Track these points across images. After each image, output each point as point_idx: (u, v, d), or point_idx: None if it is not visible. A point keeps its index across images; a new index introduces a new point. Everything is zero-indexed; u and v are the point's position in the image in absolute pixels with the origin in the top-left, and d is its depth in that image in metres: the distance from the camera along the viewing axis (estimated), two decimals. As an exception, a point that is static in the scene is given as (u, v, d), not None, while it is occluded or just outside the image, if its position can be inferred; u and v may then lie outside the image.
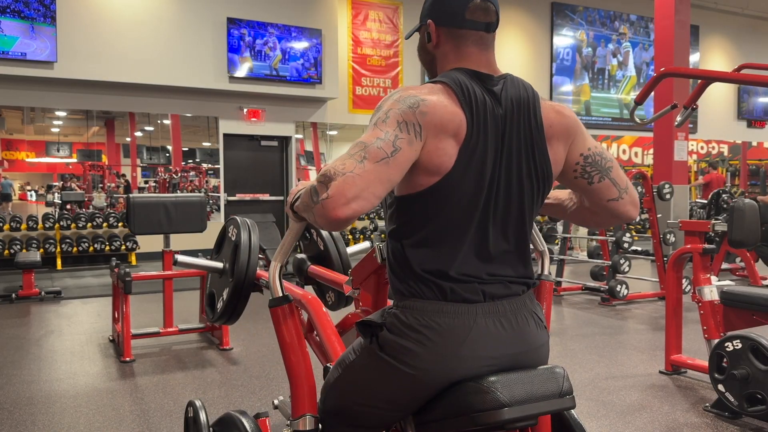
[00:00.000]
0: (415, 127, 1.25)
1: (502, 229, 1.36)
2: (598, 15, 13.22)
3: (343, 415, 1.48)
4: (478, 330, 1.31)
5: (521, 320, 1.36)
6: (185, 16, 9.02)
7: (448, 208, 1.31)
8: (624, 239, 6.10)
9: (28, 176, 10.45)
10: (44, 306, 6.09)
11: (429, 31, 1.40)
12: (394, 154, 1.22)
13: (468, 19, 1.36)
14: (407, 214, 1.35)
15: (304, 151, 10.85)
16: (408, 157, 1.24)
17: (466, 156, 1.29)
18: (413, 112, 1.25)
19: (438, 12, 1.39)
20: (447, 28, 1.38)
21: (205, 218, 4.74)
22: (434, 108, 1.26)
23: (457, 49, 1.38)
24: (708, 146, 15.13)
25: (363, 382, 1.41)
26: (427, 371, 1.30)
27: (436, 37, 1.40)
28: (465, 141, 1.29)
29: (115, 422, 3.10)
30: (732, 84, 13.40)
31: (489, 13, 1.38)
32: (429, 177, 1.28)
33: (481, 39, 1.38)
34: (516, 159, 1.35)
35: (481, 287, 1.33)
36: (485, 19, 1.38)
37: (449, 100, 1.29)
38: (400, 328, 1.32)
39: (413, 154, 1.25)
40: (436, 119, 1.26)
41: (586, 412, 3.20)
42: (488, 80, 1.36)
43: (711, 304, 3.47)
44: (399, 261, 1.37)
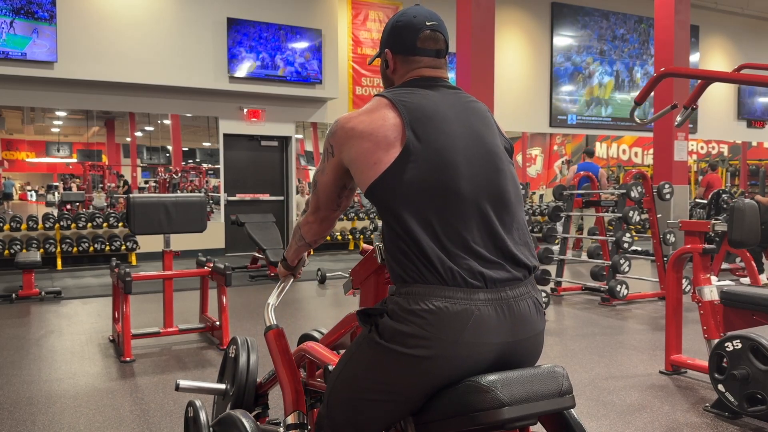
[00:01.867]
0: (328, 149, 1.53)
1: (496, 209, 1.42)
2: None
3: (348, 411, 1.46)
4: (479, 315, 1.33)
5: (523, 306, 1.39)
6: (185, 16, 9.02)
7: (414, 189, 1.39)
8: (624, 239, 6.10)
9: (28, 176, 10.46)
10: (44, 306, 6.09)
11: (387, 58, 1.61)
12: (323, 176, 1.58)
13: (419, 47, 1.56)
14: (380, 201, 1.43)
15: (304, 151, 10.86)
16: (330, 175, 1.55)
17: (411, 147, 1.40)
18: (327, 141, 1.54)
19: (393, 42, 1.59)
20: (402, 55, 1.58)
21: (205, 218, 4.73)
22: (344, 126, 1.48)
23: (411, 72, 1.58)
24: (708, 146, 15.13)
25: (365, 373, 1.41)
26: (428, 356, 1.31)
27: (393, 63, 1.60)
28: (405, 133, 1.41)
29: (115, 422, 3.10)
30: (732, 84, 13.41)
31: (438, 42, 1.58)
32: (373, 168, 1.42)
33: (432, 62, 1.58)
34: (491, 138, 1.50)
35: (482, 270, 1.36)
36: (435, 47, 1.57)
37: (378, 107, 1.47)
38: (400, 314, 1.34)
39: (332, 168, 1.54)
40: (345, 131, 1.48)
41: (586, 412, 3.20)
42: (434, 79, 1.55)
43: (711, 304, 3.48)
44: (397, 246, 1.39)
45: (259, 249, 7.63)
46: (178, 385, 2.25)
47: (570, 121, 12.96)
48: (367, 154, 1.43)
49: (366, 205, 10.89)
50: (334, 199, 1.61)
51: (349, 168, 1.49)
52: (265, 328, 2.04)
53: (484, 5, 7.49)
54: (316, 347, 1.93)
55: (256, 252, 8.02)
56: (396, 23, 1.58)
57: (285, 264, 1.98)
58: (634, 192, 6.14)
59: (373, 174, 1.42)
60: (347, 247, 10.77)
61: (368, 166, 1.43)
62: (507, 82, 12.00)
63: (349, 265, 8.56)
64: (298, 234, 1.77)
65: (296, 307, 6.03)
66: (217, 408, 2.47)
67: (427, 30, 1.55)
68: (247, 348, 2.36)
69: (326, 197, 1.61)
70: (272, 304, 2.05)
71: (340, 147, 1.49)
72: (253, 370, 2.31)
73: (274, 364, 1.97)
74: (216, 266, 4.59)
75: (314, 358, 1.89)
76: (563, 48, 12.91)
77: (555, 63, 12.82)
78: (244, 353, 2.33)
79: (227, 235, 9.86)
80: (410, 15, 1.57)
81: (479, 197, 1.41)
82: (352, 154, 1.46)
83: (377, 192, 1.42)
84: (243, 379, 2.27)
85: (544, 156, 13.56)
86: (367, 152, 1.43)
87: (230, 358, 2.41)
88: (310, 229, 1.72)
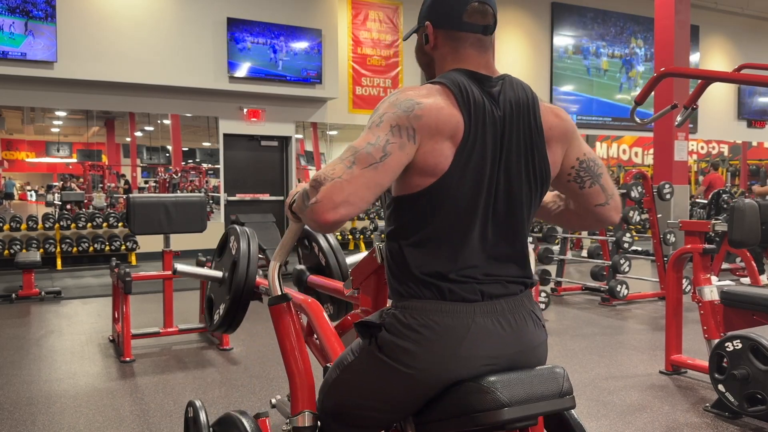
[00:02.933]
0: (409, 131, 1.25)
1: (500, 229, 1.37)
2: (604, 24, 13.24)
3: (341, 416, 1.48)
4: (476, 329, 1.31)
5: (519, 319, 1.37)
6: (185, 16, 9.02)
7: (446, 209, 1.31)
8: (624, 239, 6.09)
9: (28, 176, 10.46)
10: (44, 306, 6.09)
11: (427, 33, 1.41)
12: (384, 159, 1.23)
13: (466, 21, 1.37)
14: (405, 215, 1.35)
15: (304, 151, 10.86)
16: (399, 161, 1.25)
17: (463, 157, 1.29)
18: (407, 116, 1.26)
19: (436, 14, 1.39)
20: (445, 30, 1.39)
21: (205, 218, 4.73)
22: (429, 110, 1.26)
23: (455, 51, 1.39)
24: (708, 146, 15.13)
25: (361, 383, 1.41)
26: (425, 371, 1.30)
27: (434, 39, 1.40)
28: (462, 142, 1.29)
29: (115, 422, 3.10)
30: (732, 84, 13.40)
31: (486, 16, 1.38)
32: (425, 178, 1.29)
33: (479, 41, 1.38)
34: (515, 160, 1.35)
35: (480, 287, 1.34)
36: (483, 22, 1.38)
37: (447, 101, 1.29)
38: (398, 328, 1.32)
39: (405, 158, 1.26)
40: (431, 122, 1.26)
41: (586, 412, 3.20)
42: (487, 82, 1.36)
43: (711, 304, 3.47)
44: (397, 262, 1.37)
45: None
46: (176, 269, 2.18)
47: (570, 121, 12.94)
48: (432, 162, 1.26)
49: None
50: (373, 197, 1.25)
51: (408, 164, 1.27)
52: (269, 298, 1.73)
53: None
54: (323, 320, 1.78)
55: (256, 252, 8.01)
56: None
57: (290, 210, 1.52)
58: (634, 192, 6.14)
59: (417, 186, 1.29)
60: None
61: (425, 174, 1.28)
62: (507, 82, 11.99)
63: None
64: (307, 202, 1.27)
65: (296, 307, 6.02)
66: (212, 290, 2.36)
67: (476, 2, 1.37)
68: (247, 237, 2.21)
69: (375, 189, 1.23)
70: (278, 265, 1.68)
71: (427, 137, 1.26)
72: (254, 260, 2.14)
73: (280, 347, 1.70)
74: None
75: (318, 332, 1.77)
76: (563, 48, 12.91)
77: (555, 62, 12.82)
78: (245, 242, 2.18)
79: (227, 235, 9.84)
80: None
81: (487, 220, 1.35)
82: (426, 153, 1.26)
83: (403, 206, 1.33)
84: (244, 268, 2.10)
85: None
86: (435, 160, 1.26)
87: (229, 247, 2.26)
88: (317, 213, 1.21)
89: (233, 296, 2.10)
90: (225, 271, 2.25)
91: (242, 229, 2.25)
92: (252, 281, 2.11)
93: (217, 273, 2.27)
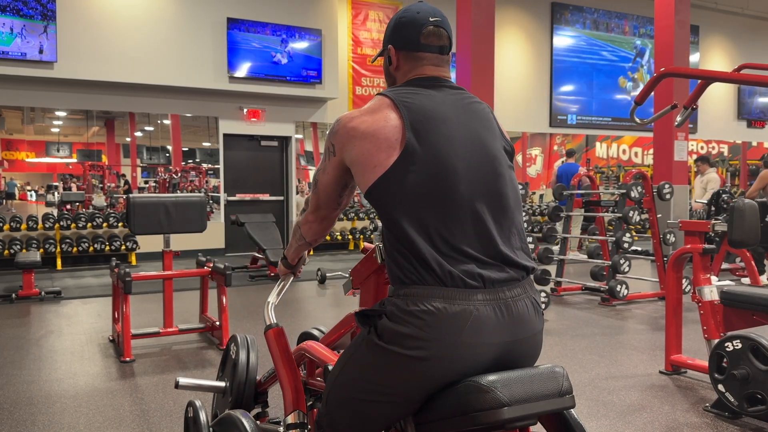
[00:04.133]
0: (330, 149, 1.53)
1: (494, 213, 1.42)
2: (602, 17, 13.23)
3: (346, 412, 1.47)
4: (477, 315, 1.33)
5: (521, 306, 1.39)
6: (185, 16, 9.02)
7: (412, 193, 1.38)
8: (624, 239, 6.10)
9: (28, 176, 10.45)
10: (44, 306, 6.09)
11: (390, 55, 1.59)
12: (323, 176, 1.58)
13: (423, 43, 1.54)
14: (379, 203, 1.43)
15: (304, 151, 10.86)
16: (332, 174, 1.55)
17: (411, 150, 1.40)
18: (328, 140, 1.53)
19: (397, 38, 1.57)
20: (406, 51, 1.57)
21: (205, 218, 4.73)
22: (346, 125, 1.47)
23: (414, 69, 1.56)
24: (708, 146, 15.12)
25: (364, 375, 1.41)
26: (427, 357, 1.31)
27: (396, 60, 1.58)
28: (405, 135, 1.40)
29: (115, 422, 3.10)
30: (732, 84, 13.40)
31: (442, 38, 1.56)
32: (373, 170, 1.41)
33: (436, 59, 1.56)
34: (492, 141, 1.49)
35: (480, 272, 1.36)
36: (438, 43, 1.56)
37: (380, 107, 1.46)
38: (399, 315, 1.34)
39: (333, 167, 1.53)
40: (347, 131, 1.47)
41: (586, 412, 3.20)
42: (436, 79, 1.54)
43: (711, 304, 3.47)
44: (395, 248, 1.40)
45: (259, 249, 7.63)
46: (178, 382, 2.25)
47: (570, 121, 12.96)
48: (368, 155, 1.43)
49: (366, 205, 10.89)
50: (335, 198, 1.61)
51: (351, 168, 1.49)
52: (264, 326, 2.04)
53: (484, 5, 7.49)
54: (316, 346, 1.92)
55: (256, 252, 8.02)
56: (399, 19, 1.58)
57: (285, 262, 1.98)
58: (634, 192, 6.14)
59: (373, 176, 1.41)
60: (347, 247, 10.77)
61: (369, 167, 1.42)
62: (507, 82, 12.00)
63: (349, 265, 8.56)
64: (298, 233, 1.77)
65: (296, 307, 6.03)
66: (217, 406, 2.47)
67: (431, 26, 1.54)
68: (247, 346, 2.35)
69: (327, 196, 1.60)
70: (272, 303, 2.05)
71: (342, 147, 1.49)
72: (253, 368, 2.30)
73: (274, 363, 1.97)
74: (216, 266, 4.59)
75: (314, 357, 1.88)
76: (564, 47, 12.91)
77: (555, 62, 12.82)
78: (244, 351, 2.33)
79: (227, 235, 9.86)
80: (414, 11, 1.56)
81: (477, 201, 1.41)
82: (354, 155, 1.46)
83: (376, 194, 1.43)
84: (243, 377, 2.27)
85: (544, 156, 13.55)
86: (368, 153, 1.43)
87: (230, 356, 2.40)
88: (311, 228, 1.71)
89: (234, 401, 2.26)
90: (227, 380, 2.37)
91: (242, 336, 2.41)
92: (251, 391, 2.28)
93: (221, 384, 2.39)
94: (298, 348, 2.01)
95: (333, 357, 1.79)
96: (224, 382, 2.38)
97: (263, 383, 2.30)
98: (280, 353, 1.95)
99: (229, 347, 2.44)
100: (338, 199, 1.61)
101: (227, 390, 2.34)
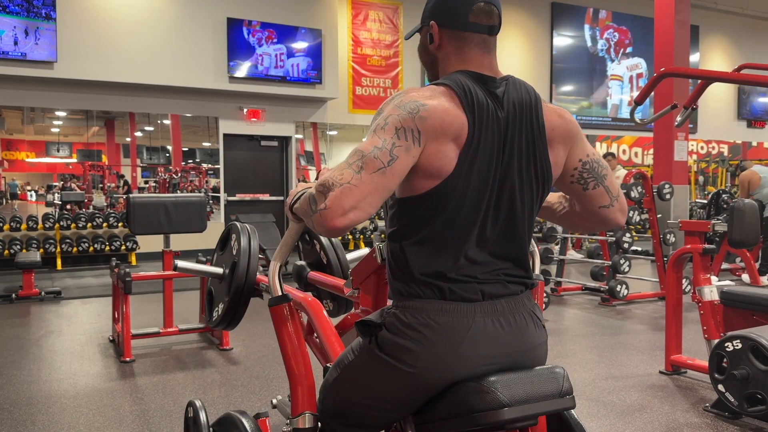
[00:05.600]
0: (414, 133, 1.25)
1: (502, 230, 1.37)
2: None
3: (341, 416, 1.48)
4: (476, 329, 1.31)
5: (520, 320, 1.37)
6: (185, 16, 9.02)
7: (449, 211, 1.31)
8: (624, 239, 6.09)
9: (28, 176, 10.44)
10: (44, 306, 6.09)
11: (431, 32, 1.40)
12: (391, 164, 1.22)
13: (471, 21, 1.36)
14: (408, 216, 1.35)
15: (304, 151, 10.85)
16: (405, 164, 1.24)
17: (467, 159, 1.29)
18: (412, 118, 1.25)
19: (441, 14, 1.38)
20: (450, 29, 1.38)
21: (205, 218, 4.73)
22: (434, 112, 1.26)
23: (459, 51, 1.38)
24: (708, 146, 15.13)
25: (362, 382, 1.41)
26: (425, 370, 1.30)
27: (438, 38, 1.40)
28: (466, 144, 1.29)
29: (115, 422, 3.10)
30: (732, 84, 13.40)
31: (492, 17, 1.38)
32: (430, 180, 1.29)
33: (483, 42, 1.38)
34: (517, 161, 1.35)
35: (480, 287, 1.34)
36: (488, 22, 1.38)
37: (451, 103, 1.29)
38: (399, 327, 1.33)
39: (411, 160, 1.25)
40: (436, 123, 1.25)
41: (586, 412, 3.20)
42: (491, 83, 1.36)
43: (711, 304, 3.47)
44: (398, 262, 1.37)
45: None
46: (176, 265, 2.16)
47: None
48: (437, 164, 1.26)
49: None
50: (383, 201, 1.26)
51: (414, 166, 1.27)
52: (269, 299, 1.75)
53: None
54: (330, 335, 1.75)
55: (256, 252, 8.01)
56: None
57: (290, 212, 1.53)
58: (634, 192, 6.14)
59: (420, 189, 1.29)
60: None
61: (424, 176, 1.28)
62: (507, 82, 11.98)
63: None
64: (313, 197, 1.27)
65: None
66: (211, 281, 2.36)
67: (482, 2, 1.36)
68: (248, 233, 2.20)
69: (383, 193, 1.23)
70: (279, 265, 1.69)
71: (429, 139, 1.26)
72: (255, 257, 2.13)
73: (281, 348, 1.72)
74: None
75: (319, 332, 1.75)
76: (564, 47, 12.91)
77: (555, 62, 12.82)
78: (245, 238, 2.17)
79: (227, 235, 9.84)
80: None
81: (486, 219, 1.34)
82: (430, 155, 1.26)
83: (406, 207, 1.33)
84: (244, 266, 2.08)
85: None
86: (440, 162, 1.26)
87: (230, 243, 2.26)
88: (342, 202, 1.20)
89: (233, 294, 2.09)
90: (225, 267, 2.24)
91: (243, 225, 2.24)
92: (252, 279, 2.09)
93: (218, 270, 2.26)
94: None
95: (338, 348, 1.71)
96: (221, 268, 2.25)
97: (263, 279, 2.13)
98: (289, 337, 1.67)
99: (229, 234, 2.27)
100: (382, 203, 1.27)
101: (225, 276, 2.22)
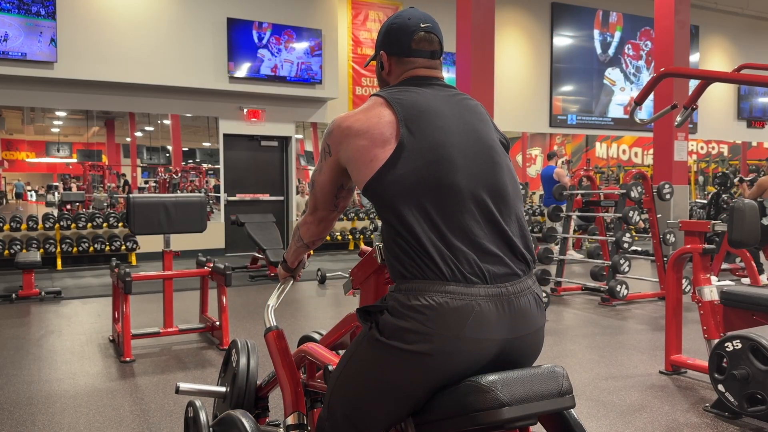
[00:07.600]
0: (326, 149, 1.56)
1: (494, 202, 1.43)
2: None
3: (348, 412, 1.45)
4: (480, 312, 1.33)
5: (523, 302, 1.39)
6: (185, 16, 9.03)
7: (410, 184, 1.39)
8: (624, 239, 6.10)
9: (28, 176, 10.44)
10: (44, 306, 6.09)
11: (382, 60, 1.62)
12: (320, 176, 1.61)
13: (414, 48, 1.58)
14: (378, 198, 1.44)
15: (304, 151, 10.86)
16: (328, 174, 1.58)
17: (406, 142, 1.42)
18: (324, 141, 1.56)
19: (388, 44, 1.60)
20: (397, 56, 1.60)
21: (205, 218, 4.73)
22: (341, 125, 1.50)
23: (406, 73, 1.59)
24: (708, 146, 15.13)
25: (365, 372, 1.40)
26: (428, 351, 1.31)
27: (388, 65, 1.62)
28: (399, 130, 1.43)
29: (115, 422, 3.10)
30: (732, 84, 13.41)
31: (432, 43, 1.59)
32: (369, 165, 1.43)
33: (427, 63, 1.59)
34: (479, 134, 1.49)
35: (482, 266, 1.36)
36: (429, 48, 1.59)
37: (373, 105, 1.49)
38: (401, 310, 1.34)
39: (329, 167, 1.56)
40: (341, 130, 1.49)
41: (586, 412, 3.20)
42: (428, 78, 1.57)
43: (711, 304, 3.48)
44: (396, 243, 1.40)
45: (259, 249, 7.63)
46: (178, 388, 2.24)
47: (570, 121, 12.96)
48: (364, 151, 1.45)
49: (366, 205, 10.89)
50: (332, 200, 1.64)
51: (347, 167, 1.51)
52: (264, 329, 2.04)
53: (484, 5, 7.49)
54: (316, 348, 1.92)
55: (256, 252, 8.02)
56: (391, 25, 1.60)
57: (285, 266, 2.00)
58: (634, 192, 6.14)
59: (370, 171, 1.43)
60: (347, 247, 10.77)
61: (365, 163, 1.44)
62: (507, 82, 11.99)
63: (349, 265, 8.55)
64: (297, 235, 1.80)
65: (296, 308, 6.03)
66: (218, 410, 2.46)
67: (422, 32, 1.57)
68: (247, 351, 2.35)
69: (324, 197, 1.63)
70: (272, 306, 2.07)
71: (337, 146, 1.51)
72: (253, 374, 2.30)
73: (273, 365, 1.98)
74: (216, 266, 4.59)
75: (314, 358, 1.88)
76: (564, 47, 12.91)
77: (555, 62, 12.82)
78: (244, 356, 2.32)
79: (227, 235, 9.86)
80: (405, 17, 1.59)
81: (476, 189, 1.42)
82: (349, 153, 1.48)
83: (374, 189, 1.43)
84: (243, 382, 2.27)
85: (544, 156, 13.55)
86: (364, 150, 1.45)
87: (231, 361, 2.40)
88: (309, 230, 1.74)
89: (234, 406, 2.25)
90: (228, 386, 2.37)
91: (243, 341, 2.41)
92: (252, 393, 2.28)
93: (221, 389, 2.39)
94: (298, 350, 2.01)
95: (333, 358, 1.79)
96: (225, 387, 2.38)
97: (264, 387, 2.30)
98: (280, 355, 1.96)
99: (230, 352, 2.44)
100: (335, 200, 1.64)
101: (227, 395, 2.34)
